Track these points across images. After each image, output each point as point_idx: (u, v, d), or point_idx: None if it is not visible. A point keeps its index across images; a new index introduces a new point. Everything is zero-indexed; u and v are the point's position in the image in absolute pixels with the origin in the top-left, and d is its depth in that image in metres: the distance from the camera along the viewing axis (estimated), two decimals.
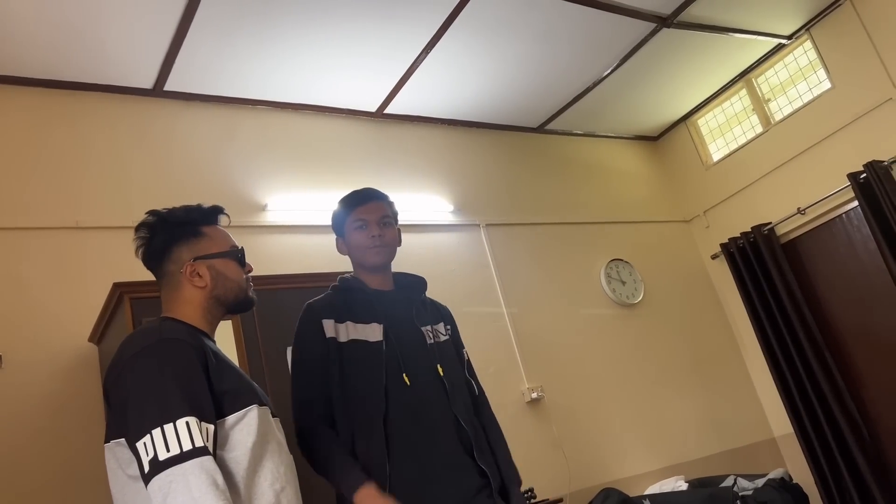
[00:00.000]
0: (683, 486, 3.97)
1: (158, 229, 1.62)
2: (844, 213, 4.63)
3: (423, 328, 2.03)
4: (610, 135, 5.49)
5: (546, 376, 4.23)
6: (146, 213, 1.64)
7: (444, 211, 4.35)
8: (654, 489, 4.02)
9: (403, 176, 4.30)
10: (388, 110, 4.35)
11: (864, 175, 4.32)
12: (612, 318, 4.73)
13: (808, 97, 4.81)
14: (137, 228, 1.63)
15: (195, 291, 1.59)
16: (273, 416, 1.58)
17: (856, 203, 4.43)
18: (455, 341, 2.17)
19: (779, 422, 4.88)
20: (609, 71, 4.53)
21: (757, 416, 5.00)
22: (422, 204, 4.28)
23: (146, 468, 1.28)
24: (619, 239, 5.06)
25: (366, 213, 2.06)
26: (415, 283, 2.16)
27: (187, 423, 1.31)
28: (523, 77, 4.38)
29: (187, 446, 1.29)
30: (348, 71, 3.90)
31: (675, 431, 4.55)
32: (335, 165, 4.10)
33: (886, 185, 4.22)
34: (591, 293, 4.74)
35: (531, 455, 3.89)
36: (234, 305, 1.66)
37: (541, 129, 5.07)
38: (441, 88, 4.31)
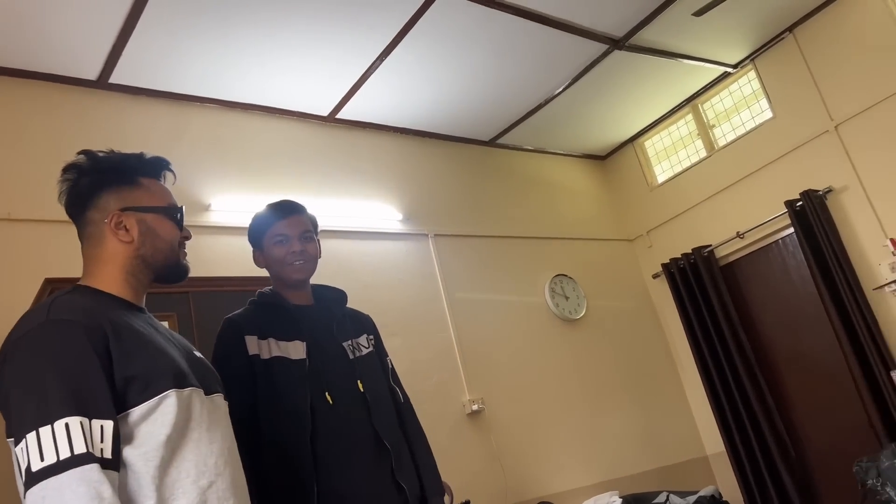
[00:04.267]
0: (617, 501, 4.00)
1: (87, 170, 1.41)
2: (781, 238, 4.79)
3: (344, 343, 2.01)
4: (559, 152, 5.56)
5: (488, 388, 4.24)
6: (78, 153, 1.44)
7: (393, 219, 4.34)
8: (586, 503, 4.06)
9: (353, 182, 4.27)
10: (340, 115, 4.31)
11: (801, 203, 4.49)
12: (554, 332, 4.78)
13: (750, 125, 4.98)
14: (65, 169, 1.43)
15: (119, 247, 1.39)
16: (211, 393, 1.39)
17: (792, 230, 4.60)
18: (378, 351, 2.15)
19: (711, 440, 5.00)
20: (561, 89, 4.60)
21: (691, 434, 5.12)
22: (371, 211, 4.25)
23: (22, 479, 1.11)
24: (565, 255, 5.12)
25: (287, 227, 2.01)
26: (335, 298, 2.13)
27: (67, 426, 1.11)
28: (477, 90, 4.41)
29: (65, 454, 1.09)
30: (302, 74, 3.85)
31: (611, 447, 4.61)
32: (284, 168, 4.03)
33: (821, 214, 4.39)
34: (535, 307, 4.78)
35: (470, 467, 3.89)
36: (163, 270, 1.45)
37: (492, 142, 5.11)
38: (395, 96, 4.29)
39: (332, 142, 4.33)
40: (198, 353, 1.48)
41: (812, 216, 4.42)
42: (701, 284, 4.96)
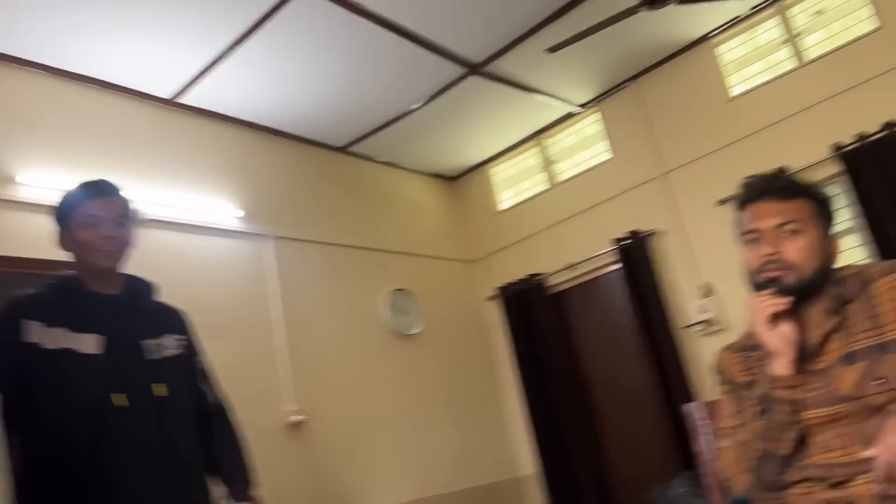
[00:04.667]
0: None
1: None
2: (606, 273, 5.07)
3: (143, 342, 1.84)
4: (411, 168, 5.58)
5: (315, 399, 4.11)
6: None
7: (231, 216, 4.13)
8: None
9: (190, 173, 4.02)
10: (183, 100, 4.06)
11: (627, 241, 4.78)
12: (388, 346, 4.75)
13: (590, 163, 5.25)
14: None
15: None
16: None
17: (617, 266, 4.88)
18: (189, 351, 2.00)
19: (525, 462, 5.15)
20: (418, 105, 4.62)
21: (506, 456, 5.23)
22: (207, 205, 4.02)
23: None
24: (407, 270, 5.12)
25: (100, 208, 1.82)
26: (143, 290, 1.96)
27: None
28: (333, 94, 4.33)
29: None
30: (147, 50, 3.60)
31: (431, 464, 4.62)
32: (113, 149, 3.72)
33: (643, 254, 4.70)
34: (371, 319, 4.73)
35: (284, 480, 3.74)
36: None
37: (344, 149, 5.03)
38: (246, 88, 4.12)
39: (172, 127, 4.07)
40: None
41: (636, 255, 4.72)
42: (530, 310, 5.15)
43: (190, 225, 3.89)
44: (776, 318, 1.51)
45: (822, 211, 1.58)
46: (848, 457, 1.44)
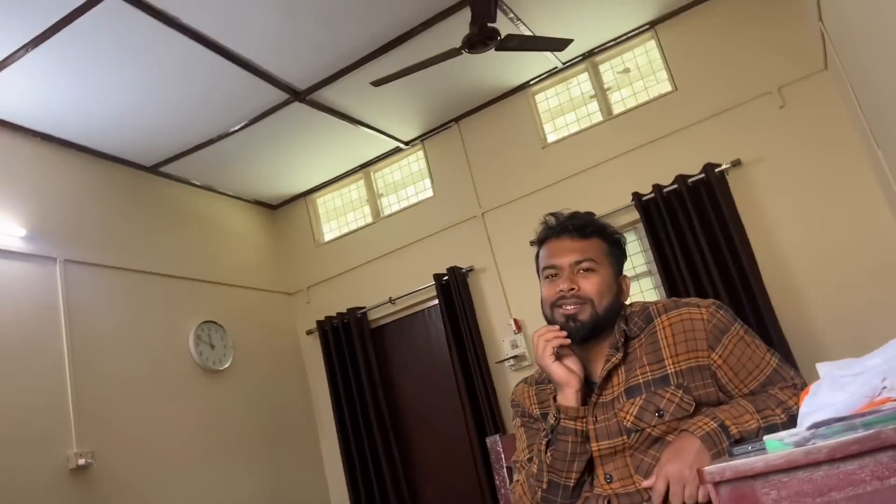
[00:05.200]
0: None
1: None
2: (427, 308, 5.11)
3: None
4: (228, 193, 5.33)
5: (104, 441, 3.73)
6: None
7: (11, 234, 3.68)
8: None
9: None
10: None
11: (446, 278, 4.85)
12: (194, 382, 4.43)
13: (413, 199, 5.31)
14: None
15: None
16: None
17: (437, 301, 4.93)
18: None
19: (339, 497, 5.02)
20: (236, 128, 4.43)
21: (320, 495, 5.07)
22: None
23: None
24: (217, 300, 4.85)
25: None
26: None
27: None
28: (142, 110, 4.04)
29: None
30: None
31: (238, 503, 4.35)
32: None
33: (461, 290, 4.78)
34: (176, 353, 4.40)
35: None
36: None
37: (154, 169, 4.70)
38: (40, 95, 3.73)
39: None
40: None
41: (454, 290, 4.80)
42: (351, 344, 5.06)
43: None
44: (559, 350, 1.55)
45: (614, 250, 1.64)
46: (628, 487, 1.49)
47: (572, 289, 1.56)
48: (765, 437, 1.03)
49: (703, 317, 1.54)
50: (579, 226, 1.63)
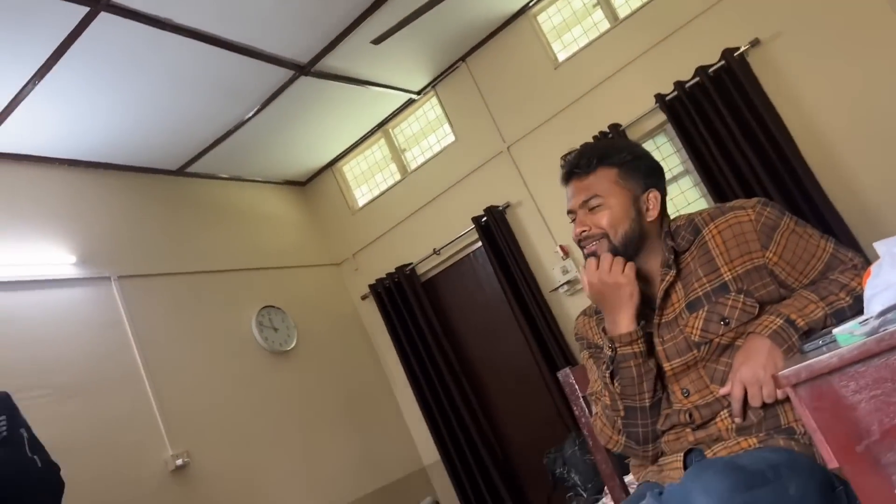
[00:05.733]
0: None
1: None
2: (472, 252, 5.14)
3: None
4: (257, 179, 5.39)
5: (194, 439, 3.92)
6: None
7: (64, 263, 3.81)
8: None
9: (7, 225, 3.68)
10: None
11: (485, 219, 4.86)
12: (265, 367, 4.59)
13: (437, 148, 5.29)
14: None
15: None
16: None
17: (480, 244, 4.95)
18: (11, 427, 2.01)
19: (427, 451, 5.18)
20: (251, 115, 4.45)
21: (408, 449, 5.25)
22: (33, 257, 3.69)
23: None
24: (271, 285, 4.96)
25: None
26: None
27: None
28: (157, 116, 4.08)
29: None
30: None
31: (332, 476, 4.54)
32: None
33: (502, 228, 4.79)
34: (241, 344, 4.55)
35: None
36: None
37: (181, 171, 4.78)
38: (58, 125, 3.80)
39: None
40: None
41: (495, 230, 4.82)
42: (406, 300, 5.14)
43: (18, 282, 3.56)
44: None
45: (628, 171, 1.63)
46: (706, 398, 1.51)
47: (584, 230, 1.61)
48: (834, 331, 1.03)
49: (750, 217, 1.55)
50: (578, 165, 1.65)
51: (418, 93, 5.20)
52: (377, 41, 3.84)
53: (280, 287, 5.03)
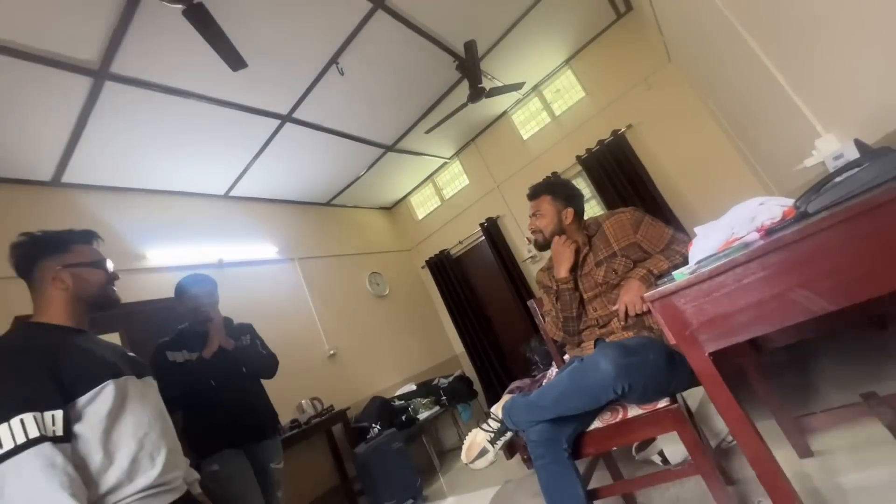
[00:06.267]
0: (413, 387, 4.04)
1: (25, 247, 1.21)
2: (479, 242, 5.08)
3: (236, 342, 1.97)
4: (367, 206, 5.37)
5: (341, 339, 4.00)
6: (19, 235, 1.21)
7: (271, 251, 3.95)
8: (398, 391, 4.05)
9: (247, 235, 3.81)
10: (233, 193, 3.82)
11: (486, 224, 4.85)
12: (373, 304, 4.58)
13: (459, 187, 5.22)
14: (11, 247, 1.20)
15: (57, 293, 1.19)
16: (141, 378, 1.23)
17: (483, 238, 4.94)
18: (252, 340, 2.09)
19: (458, 346, 5.20)
20: (363, 173, 4.49)
21: (447, 345, 5.21)
22: (254, 248, 3.82)
23: None
24: (375, 261, 4.94)
25: (206, 297, 1.93)
26: (228, 323, 2.03)
27: (21, 420, 0.96)
28: (317, 172, 4.12)
29: (21, 439, 0.95)
30: (203, 166, 3.34)
31: (409, 360, 4.55)
32: (196, 230, 3.48)
33: (496, 229, 4.78)
34: (362, 291, 4.54)
35: (331, 385, 3.66)
36: (95, 301, 1.23)
37: (328, 203, 4.80)
38: (270, 179, 3.83)
39: (228, 210, 3.84)
40: (130, 353, 1.31)
41: (492, 230, 4.81)
42: (445, 270, 5.08)
43: (246, 262, 3.76)
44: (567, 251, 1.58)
45: (557, 197, 1.64)
46: (606, 311, 1.52)
47: (532, 227, 1.63)
48: (673, 273, 1.05)
49: (628, 216, 1.55)
50: (532, 193, 1.67)
51: (449, 158, 5.24)
52: (429, 131, 3.93)
53: (379, 263, 5.06)
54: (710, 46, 2.17)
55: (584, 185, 4.50)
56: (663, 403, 1.32)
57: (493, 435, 1.39)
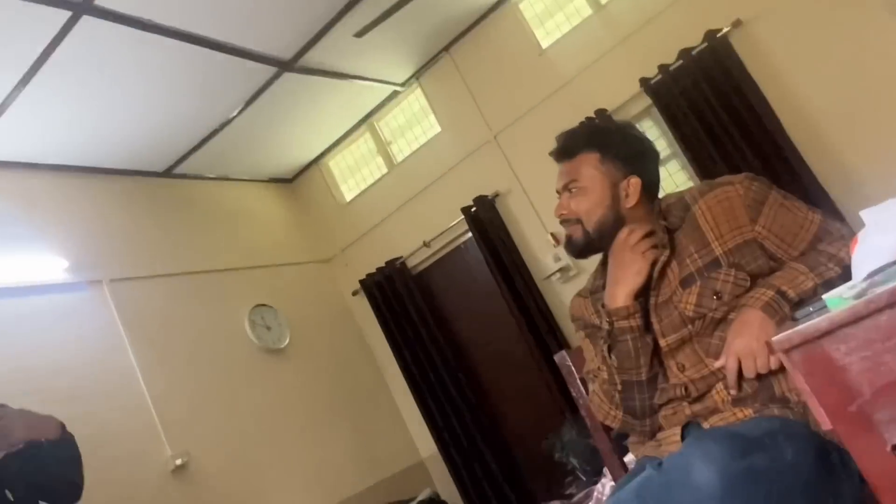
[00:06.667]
0: None
1: None
2: (462, 243, 5.26)
3: None
4: (244, 178, 5.49)
5: (192, 439, 4.03)
6: None
7: (55, 269, 3.91)
8: None
9: None
10: None
11: (474, 208, 4.98)
12: (260, 365, 4.71)
13: (423, 139, 5.40)
14: None
15: None
16: None
17: (470, 234, 5.08)
18: None
19: (425, 444, 5.29)
20: (236, 113, 4.56)
21: (405, 442, 5.35)
22: (24, 263, 3.80)
23: None
24: (262, 283, 5.07)
25: None
26: None
27: None
28: (142, 118, 4.19)
29: None
30: None
31: (333, 471, 4.66)
32: None
33: (492, 217, 4.92)
34: (235, 343, 4.66)
35: None
36: None
37: (168, 173, 4.88)
38: (43, 129, 3.90)
39: None
40: None
41: (485, 219, 4.94)
42: (397, 295, 5.26)
43: (10, 289, 3.67)
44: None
45: (612, 154, 1.67)
46: (701, 371, 1.54)
47: (563, 213, 1.68)
48: (824, 296, 1.05)
49: (738, 192, 1.58)
50: (562, 148, 1.71)
51: (402, 84, 5.31)
52: (360, 34, 3.96)
53: (270, 286, 5.13)
54: None
55: (656, 135, 4.58)
56: None
57: None
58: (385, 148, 5.57)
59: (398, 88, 5.32)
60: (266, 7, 3.80)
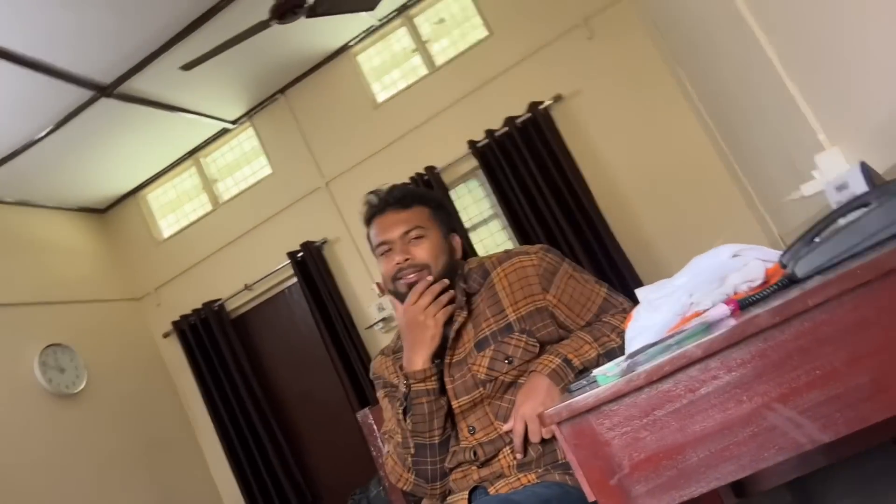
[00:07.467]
0: None
1: None
2: (287, 288, 5.20)
3: None
4: (48, 205, 5.11)
5: None
6: None
7: None
8: None
9: None
10: None
11: (301, 254, 4.95)
12: (49, 412, 4.33)
13: (252, 180, 5.33)
14: None
15: None
16: None
17: (295, 279, 5.03)
18: None
19: (232, 497, 5.09)
20: (42, 135, 4.26)
21: (211, 495, 5.13)
22: None
23: None
24: (59, 321, 4.70)
25: None
26: None
27: None
28: None
29: None
30: None
31: None
32: None
33: (319, 264, 4.91)
34: (23, 386, 4.26)
35: None
36: None
37: None
38: None
39: None
40: None
41: (311, 265, 4.92)
42: (213, 339, 5.08)
43: None
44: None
45: (439, 213, 1.73)
46: (490, 435, 1.58)
47: (407, 259, 1.64)
48: (594, 372, 1.09)
49: (533, 262, 1.65)
50: (400, 197, 1.71)
51: (234, 122, 5.23)
52: (187, 67, 3.85)
53: (69, 323, 4.77)
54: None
55: (480, 195, 4.80)
56: None
57: None
58: (210, 185, 5.42)
59: (228, 126, 5.22)
60: (86, 27, 3.63)
